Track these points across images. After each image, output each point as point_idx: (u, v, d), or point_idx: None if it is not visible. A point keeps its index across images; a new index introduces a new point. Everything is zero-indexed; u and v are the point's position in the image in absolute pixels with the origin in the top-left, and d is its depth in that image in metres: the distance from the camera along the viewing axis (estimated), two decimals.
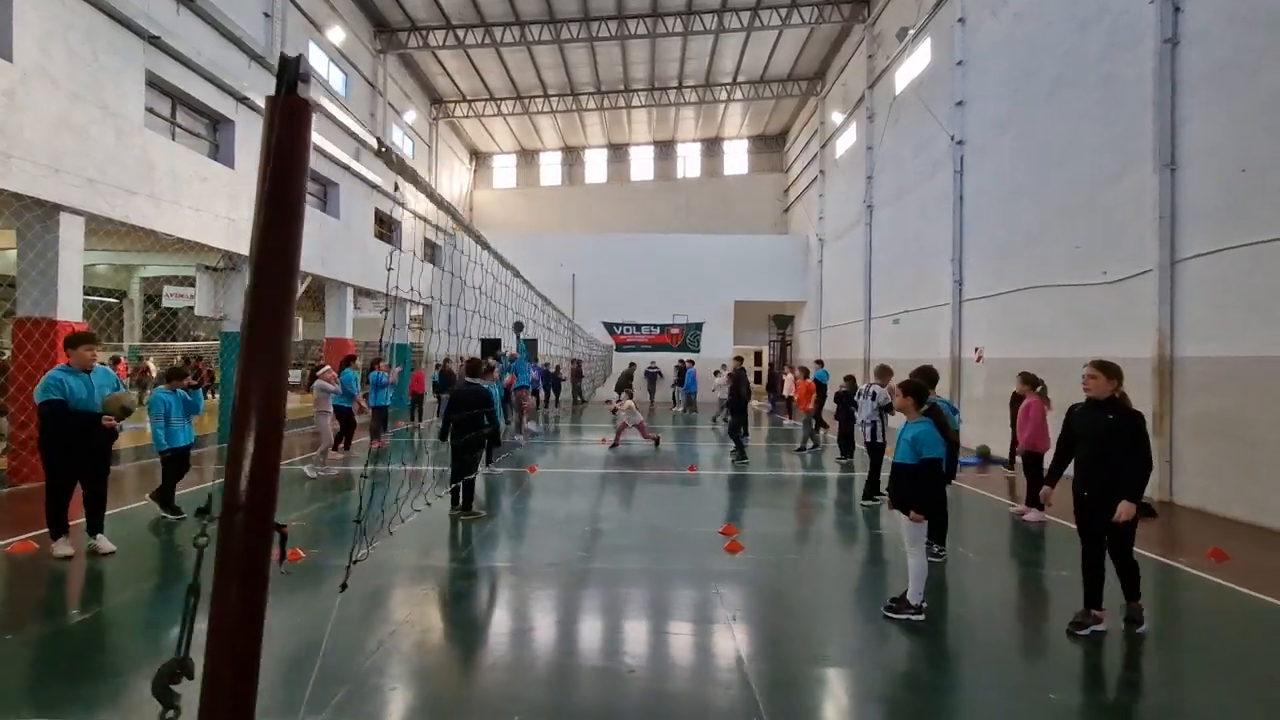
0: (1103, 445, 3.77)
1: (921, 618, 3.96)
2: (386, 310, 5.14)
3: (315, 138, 7.40)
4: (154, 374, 19.00)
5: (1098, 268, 9.14)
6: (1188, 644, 3.98)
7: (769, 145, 30.13)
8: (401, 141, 21.22)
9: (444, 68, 22.00)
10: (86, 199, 8.54)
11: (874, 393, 8.10)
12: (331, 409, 8.92)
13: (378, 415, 11.81)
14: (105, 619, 4.12)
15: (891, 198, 17.12)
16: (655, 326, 26.11)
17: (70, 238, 8.60)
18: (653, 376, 23.81)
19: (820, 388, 12.60)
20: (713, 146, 30.44)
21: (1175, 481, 7.78)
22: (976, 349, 12.47)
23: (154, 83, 10.05)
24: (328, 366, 9.83)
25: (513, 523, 6.77)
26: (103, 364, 5.44)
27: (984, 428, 11.23)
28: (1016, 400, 7.86)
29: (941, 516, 5.18)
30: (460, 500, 6.71)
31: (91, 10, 8.68)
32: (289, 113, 1.59)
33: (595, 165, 30.78)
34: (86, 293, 22.01)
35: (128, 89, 9.35)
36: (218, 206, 11.26)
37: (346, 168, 16.13)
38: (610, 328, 26.33)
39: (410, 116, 21.76)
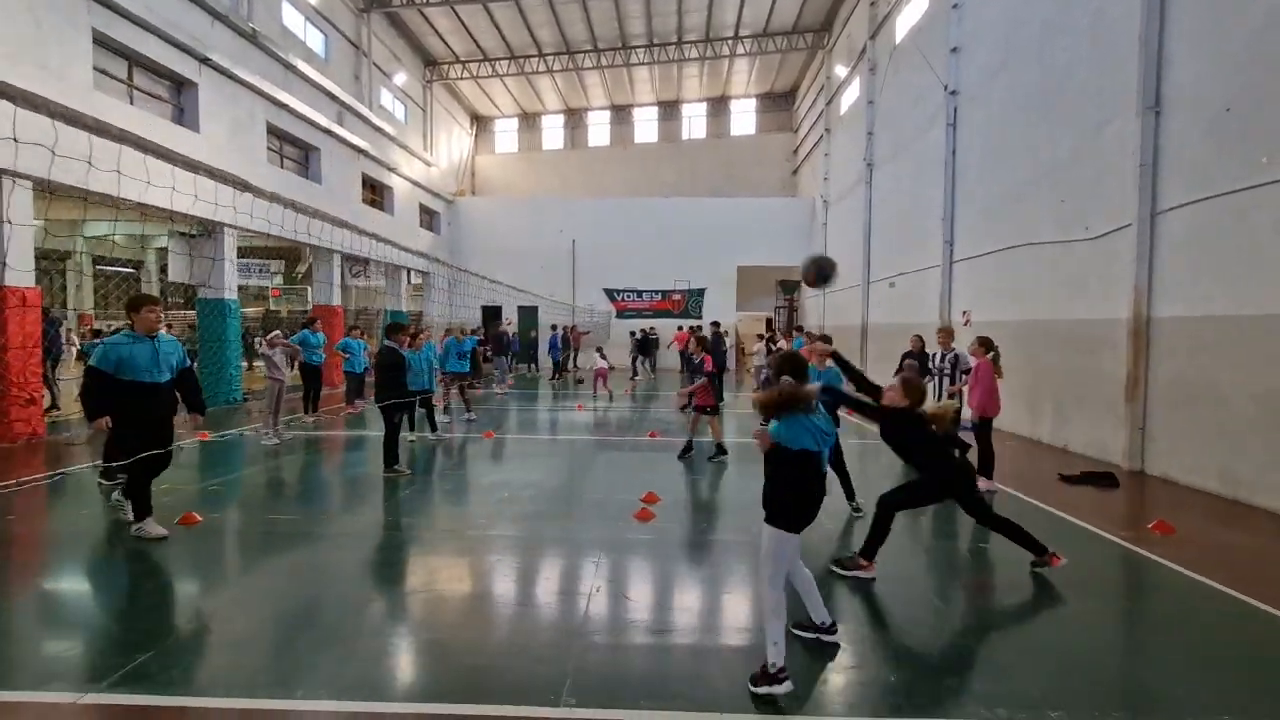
0: None
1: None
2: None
3: (291, 100, 7.27)
4: None
5: (1081, 224, 8.53)
6: (1071, 614, 3.66)
7: (777, 104, 29.04)
8: (392, 105, 20.87)
9: (433, 27, 21.46)
10: (27, 164, 8.46)
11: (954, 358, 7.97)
12: (282, 376, 8.86)
13: (350, 380, 11.80)
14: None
15: (890, 155, 16.34)
16: (657, 293, 25.70)
17: (19, 202, 8.56)
18: (649, 343, 23.52)
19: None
20: (719, 106, 29.45)
21: (1147, 449, 7.31)
22: (964, 312, 11.90)
23: (104, 42, 9.87)
24: (277, 332, 9.78)
25: (432, 486, 6.66)
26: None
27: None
28: None
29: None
30: (384, 460, 6.74)
31: None
32: None
33: (598, 128, 30.08)
34: (108, 263, 22.30)
35: (72, 48, 9.19)
36: (183, 172, 11.14)
37: (329, 132, 15.92)
38: (611, 294, 26.01)
39: (400, 79, 21.35)
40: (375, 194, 19.62)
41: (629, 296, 25.85)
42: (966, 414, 6.27)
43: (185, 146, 11.28)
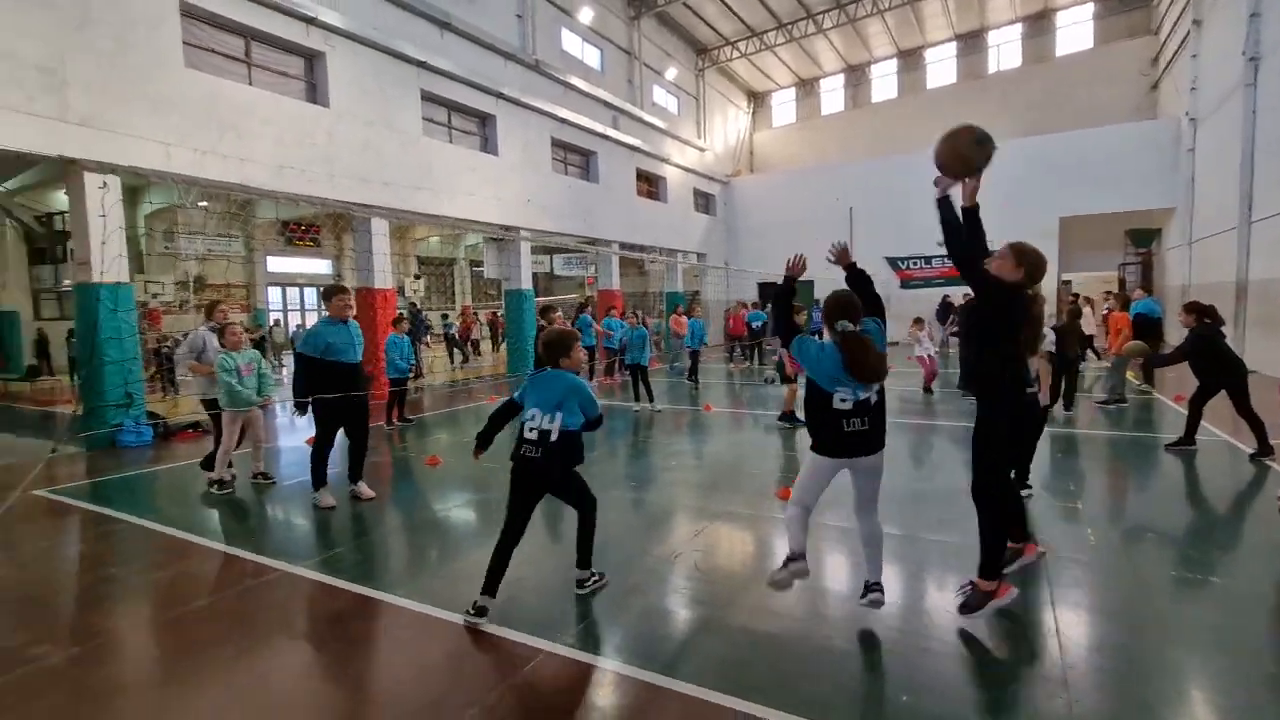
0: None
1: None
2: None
3: (571, 115, 9.39)
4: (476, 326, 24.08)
5: None
6: None
7: (1127, 2, 22.66)
8: (664, 100, 22.34)
9: (700, 16, 22.20)
10: (384, 199, 11.58)
11: None
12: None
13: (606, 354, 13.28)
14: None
15: None
16: (948, 258, 22.62)
17: (378, 227, 11.81)
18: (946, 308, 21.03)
19: (1147, 324, 9.49)
20: (1039, 24, 24.25)
21: None
22: None
23: (429, 97, 12.82)
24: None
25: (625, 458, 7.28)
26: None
27: None
28: None
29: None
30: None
31: (376, 54, 11.52)
32: None
33: (882, 81, 27.49)
34: (423, 263, 28.68)
35: (407, 108, 12.18)
36: (486, 189, 13.90)
37: (604, 136, 17.91)
38: (894, 262, 23.77)
39: (672, 74, 22.67)
40: (650, 185, 21.38)
41: (916, 264, 23.31)
42: None
43: (490, 168, 14.09)
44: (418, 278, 22.96)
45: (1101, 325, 13.94)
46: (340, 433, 5.35)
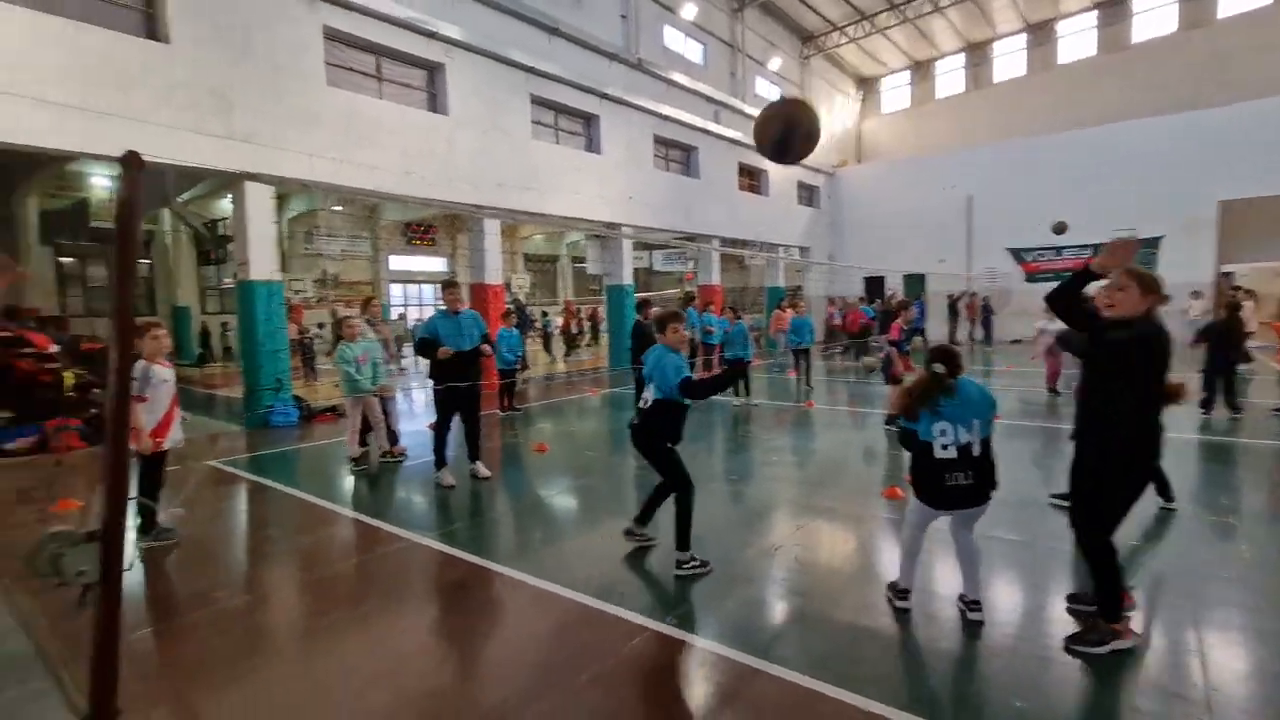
0: None
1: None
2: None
3: (673, 111, 10.07)
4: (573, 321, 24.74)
5: None
6: None
7: None
8: (768, 90, 21.92)
9: (806, 3, 21.58)
10: (495, 199, 12.22)
11: None
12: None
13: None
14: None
15: None
16: (1082, 248, 20.70)
17: (490, 226, 12.50)
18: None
19: None
20: None
21: None
22: None
23: (538, 101, 13.36)
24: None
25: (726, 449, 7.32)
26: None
27: None
28: None
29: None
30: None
31: (490, 62, 12.15)
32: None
33: (1007, 58, 25.49)
34: (530, 259, 29.69)
35: (518, 112, 12.77)
36: (590, 188, 14.31)
37: (706, 131, 17.89)
38: (1018, 254, 22.09)
39: (775, 64, 22.21)
40: (752, 179, 21.09)
41: (1044, 256, 21.54)
42: None
43: (593, 167, 14.50)
44: (525, 275, 24.00)
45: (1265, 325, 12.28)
46: (458, 418, 5.80)
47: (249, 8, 8.86)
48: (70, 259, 18.55)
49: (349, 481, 6.11)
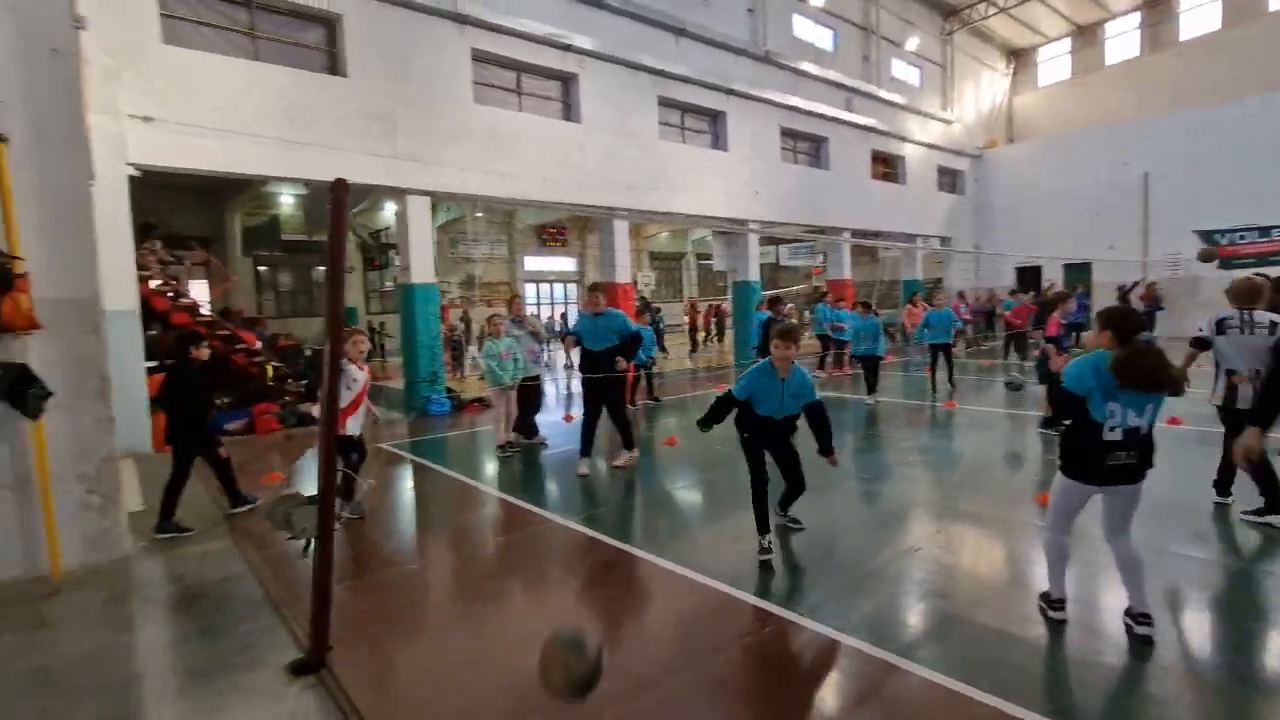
0: None
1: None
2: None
3: (801, 101, 14.18)
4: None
5: None
6: None
7: None
8: (904, 73, 20.70)
9: None
10: (624, 201, 12.64)
11: None
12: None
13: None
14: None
15: None
16: None
17: (619, 227, 12.95)
18: None
19: None
20: None
21: None
22: None
23: (665, 102, 13.62)
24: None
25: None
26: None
27: None
28: None
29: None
30: None
31: (620, 69, 12.57)
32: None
33: (1195, 12, 22.20)
34: (655, 258, 29.99)
35: (645, 114, 13.11)
36: (715, 184, 14.37)
37: (836, 120, 17.30)
38: (1208, 237, 19.21)
39: (913, 43, 20.88)
40: (887, 166, 20.08)
41: (1240, 238, 18.61)
42: None
43: (719, 164, 14.55)
44: (650, 272, 24.51)
45: None
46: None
47: (408, 39, 9.86)
48: (265, 267, 21.52)
49: (496, 465, 6.68)
